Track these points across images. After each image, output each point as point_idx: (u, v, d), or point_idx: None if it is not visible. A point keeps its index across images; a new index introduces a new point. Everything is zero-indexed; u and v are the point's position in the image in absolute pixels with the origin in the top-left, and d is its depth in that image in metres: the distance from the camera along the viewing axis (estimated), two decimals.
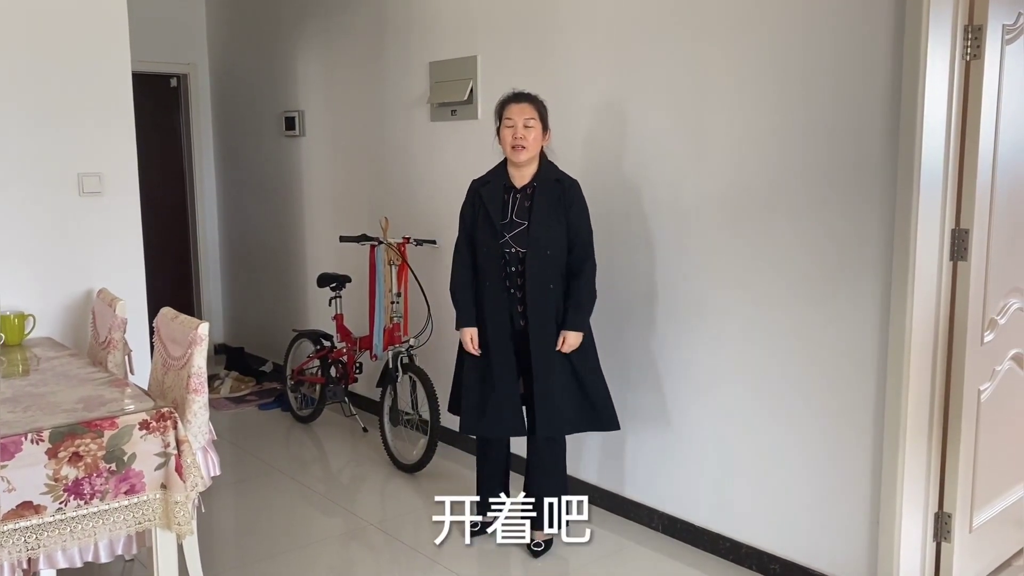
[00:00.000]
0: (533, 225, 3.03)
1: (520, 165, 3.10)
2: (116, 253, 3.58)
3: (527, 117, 3.04)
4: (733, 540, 3.16)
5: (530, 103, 3.08)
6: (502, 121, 3.10)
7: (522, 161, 3.07)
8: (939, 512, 2.83)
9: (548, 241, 3.03)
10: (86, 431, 2.23)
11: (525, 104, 3.07)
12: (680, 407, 3.29)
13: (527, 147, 3.04)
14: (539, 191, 3.08)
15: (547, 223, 3.03)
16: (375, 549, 3.34)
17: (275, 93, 5.62)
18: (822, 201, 2.79)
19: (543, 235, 3.02)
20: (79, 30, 3.42)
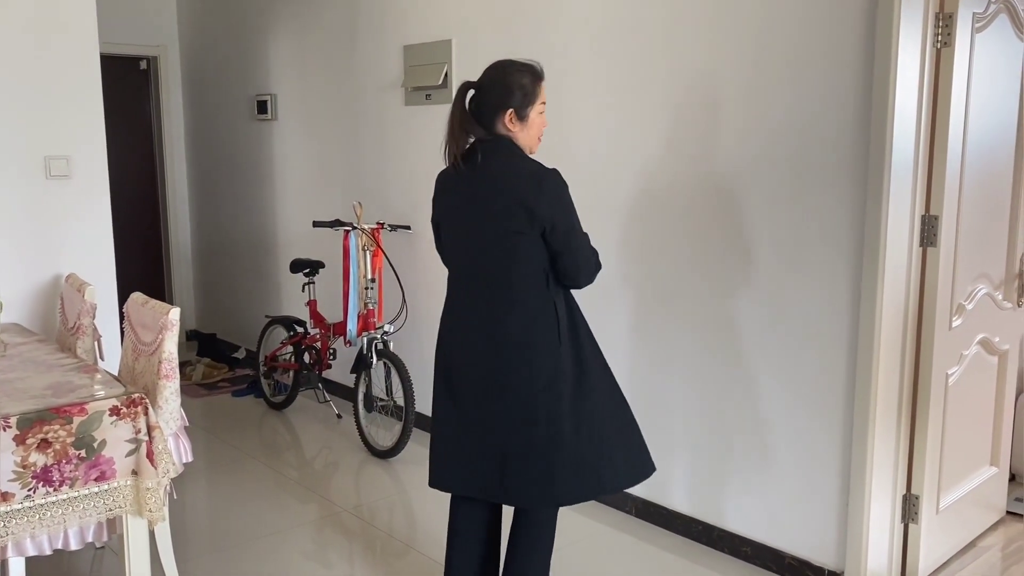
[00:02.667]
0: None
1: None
2: (85, 238, 3.53)
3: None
4: (706, 523, 3.19)
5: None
6: (534, 103, 2.33)
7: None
8: (907, 494, 2.87)
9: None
10: (55, 417, 2.20)
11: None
12: (652, 392, 3.32)
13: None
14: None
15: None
16: (349, 535, 3.34)
17: (247, 76, 5.55)
18: (793, 188, 2.81)
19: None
20: (46, 11, 3.35)
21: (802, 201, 2.80)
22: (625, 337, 3.39)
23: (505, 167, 2.28)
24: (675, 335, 3.22)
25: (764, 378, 2.96)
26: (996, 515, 3.37)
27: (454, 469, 2.39)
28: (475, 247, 2.31)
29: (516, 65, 2.34)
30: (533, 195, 2.23)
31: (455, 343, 2.39)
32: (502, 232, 2.25)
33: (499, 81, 2.31)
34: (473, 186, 2.30)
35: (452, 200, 2.37)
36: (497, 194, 2.26)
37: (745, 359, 3.01)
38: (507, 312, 2.28)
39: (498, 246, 2.27)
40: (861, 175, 2.64)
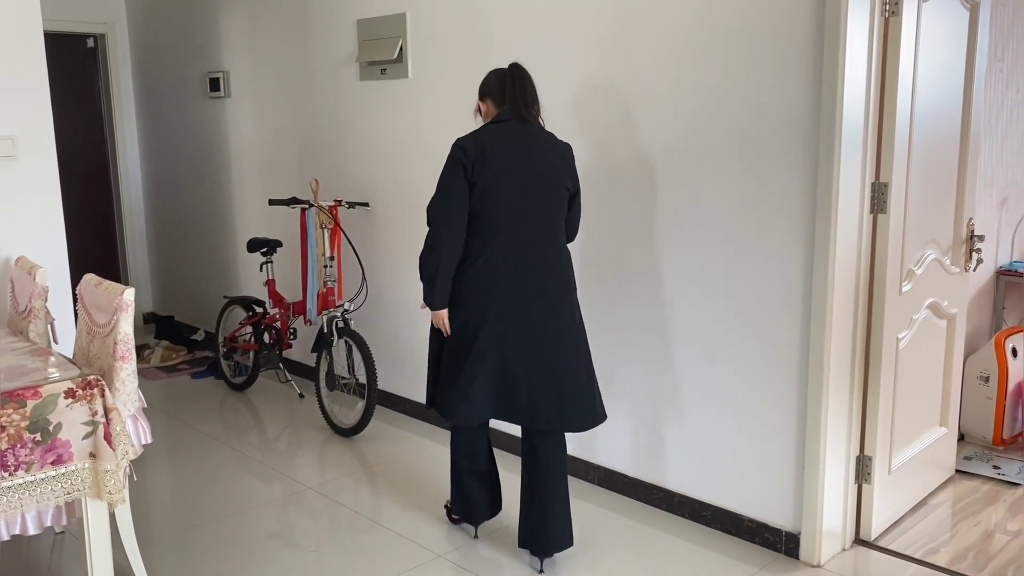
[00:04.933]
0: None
1: None
2: (34, 219, 3.45)
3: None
4: (666, 490, 3.25)
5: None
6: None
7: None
8: (860, 455, 2.95)
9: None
10: (8, 401, 2.16)
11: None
12: (611, 362, 3.35)
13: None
14: None
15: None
16: (314, 512, 3.34)
17: (198, 53, 5.44)
18: (746, 156, 2.84)
19: None
20: None
21: (754, 170, 2.83)
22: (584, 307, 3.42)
23: (550, 138, 2.78)
24: (629, 305, 3.25)
25: (719, 345, 3.01)
26: (946, 474, 3.47)
27: (494, 402, 2.74)
28: (536, 202, 2.70)
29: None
30: (572, 162, 2.80)
31: (506, 287, 2.69)
32: (558, 190, 2.74)
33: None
34: (531, 151, 2.71)
35: (511, 159, 2.68)
36: (552, 160, 2.74)
37: (699, 326, 3.05)
38: (558, 257, 2.77)
39: (553, 202, 2.73)
40: (812, 144, 2.68)
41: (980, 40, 3.16)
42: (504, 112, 2.74)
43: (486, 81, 2.83)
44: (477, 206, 2.67)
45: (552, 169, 2.73)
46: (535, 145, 2.72)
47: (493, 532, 3.13)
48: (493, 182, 2.65)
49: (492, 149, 2.66)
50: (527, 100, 2.73)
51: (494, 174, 2.65)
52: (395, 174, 4.17)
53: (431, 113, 3.92)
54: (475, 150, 2.66)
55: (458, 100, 3.77)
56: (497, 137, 2.69)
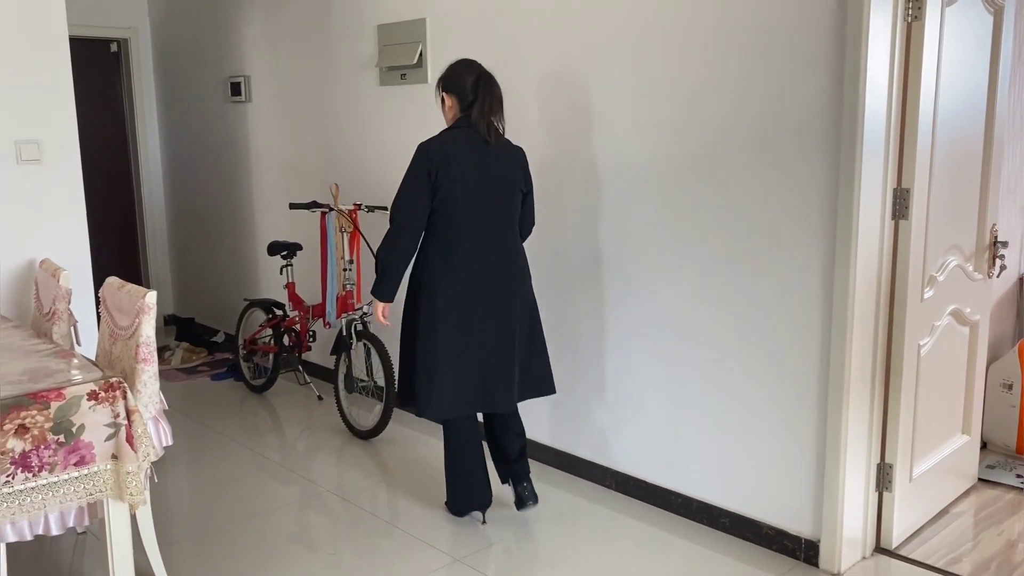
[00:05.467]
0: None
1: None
2: (58, 222, 3.49)
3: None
4: (684, 496, 3.23)
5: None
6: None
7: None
8: (881, 463, 2.93)
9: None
10: (32, 403, 2.19)
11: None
12: (629, 367, 3.34)
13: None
14: None
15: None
16: (333, 515, 3.35)
17: (220, 58, 5.49)
18: (767, 162, 2.83)
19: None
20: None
21: (773, 176, 2.82)
22: (597, 313, 3.42)
23: (506, 144, 3.03)
24: (648, 310, 3.24)
25: (738, 351, 3.00)
26: (968, 482, 3.44)
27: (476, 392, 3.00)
28: (494, 204, 2.96)
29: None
30: (526, 166, 3.07)
31: (473, 281, 2.94)
32: (514, 193, 3.01)
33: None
34: (486, 153, 2.95)
35: (473, 164, 2.92)
36: (508, 165, 3.01)
37: (718, 332, 3.04)
38: (515, 251, 3.04)
39: (509, 204, 3.01)
40: (833, 149, 2.66)
41: (1004, 45, 3.13)
42: (467, 117, 2.96)
43: (453, 76, 2.99)
44: (441, 207, 2.90)
45: (508, 174, 2.99)
46: (493, 151, 2.96)
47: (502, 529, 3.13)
48: (455, 187, 2.88)
49: (454, 156, 2.89)
50: (495, 111, 2.96)
51: (456, 179, 2.88)
52: None
53: None
54: (439, 156, 2.88)
55: None
56: (459, 144, 2.92)
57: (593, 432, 3.54)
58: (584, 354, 3.52)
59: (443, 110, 3.07)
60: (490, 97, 2.94)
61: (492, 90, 2.95)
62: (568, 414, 3.63)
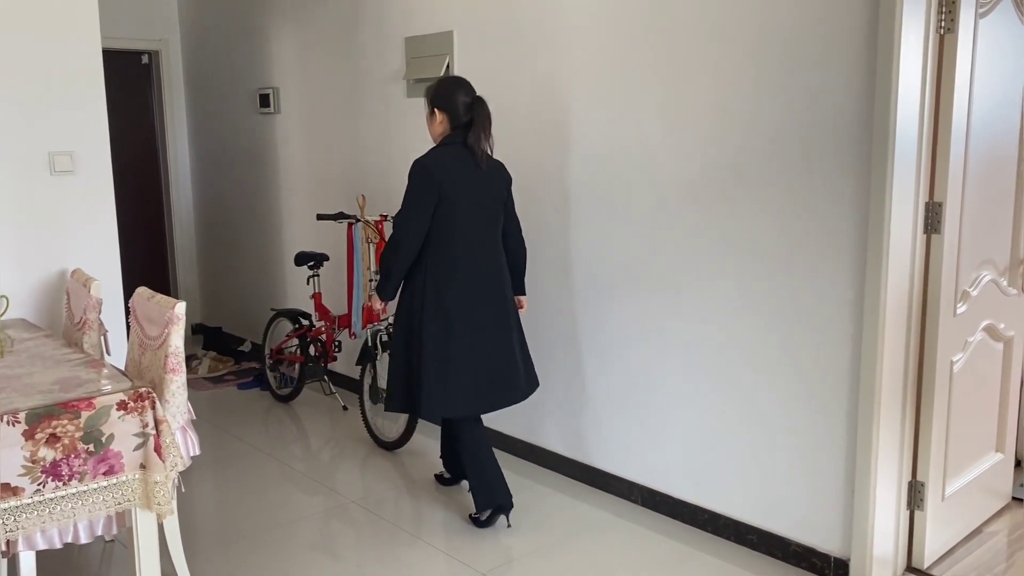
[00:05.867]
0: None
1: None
2: (90, 232, 3.54)
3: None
4: (711, 511, 3.20)
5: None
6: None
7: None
8: (912, 481, 2.88)
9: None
10: (63, 412, 2.21)
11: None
12: (657, 381, 3.32)
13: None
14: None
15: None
16: (356, 526, 3.35)
17: (249, 70, 5.55)
18: (797, 175, 2.81)
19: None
20: (48, 6, 3.35)
21: (805, 189, 2.79)
22: (625, 327, 3.40)
23: (491, 160, 3.20)
24: (676, 324, 3.22)
25: (766, 365, 2.96)
26: (1002, 501, 3.37)
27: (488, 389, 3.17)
28: (485, 217, 3.16)
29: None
30: (508, 179, 3.27)
31: (474, 286, 3.14)
32: (499, 206, 3.22)
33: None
34: (476, 171, 3.13)
35: (470, 182, 3.10)
36: (495, 180, 3.20)
37: (746, 346, 3.01)
38: (500, 261, 3.24)
39: (496, 216, 3.21)
40: (864, 162, 2.64)
41: None
42: (457, 134, 3.13)
43: (448, 95, 3.14)
44: (442, 219, 3.07)
45: (496, 189, 3.20)
46: (482, 167, 3.14)
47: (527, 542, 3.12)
48: (455, 201, 3.06)
49: (454, 172, 3.07)
50: (487, 134, 3.14)
51: (455, 194, 3.06)
52: None
53: None
54: (441, 173, 3.05)
55: (504, 117, 3.79)
56: (455, 161, 3.10)
57: (618, 445, 3.52)
58: (611, 367, 3.50)
59: (430, 123, 3.21)
60: (486, 121, 3.13)
61: (486, 113, 3.14)
62: (593, 426, 3.61)
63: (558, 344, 3.71)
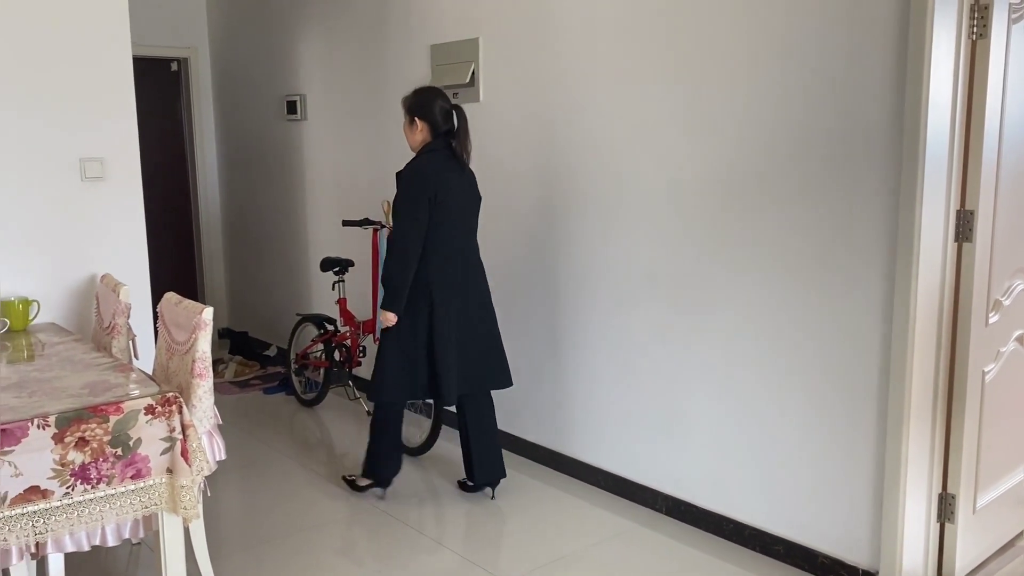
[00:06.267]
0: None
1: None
2: (119, 238, 3.58)
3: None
4: (736, 521, 3.17)
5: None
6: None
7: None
8: (943, 493, 2.83)
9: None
10: (92, 416, 2.23)
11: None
12: (682, 390, 3.30)
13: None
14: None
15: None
16: (380, 531, 3.36)
17: (276, 77, 5.59)
18: (825, 182, 2.78)
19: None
20: (80, 14, 3.40)
21: (833, 197, 2.76)
22: (648, 335, 3.38)
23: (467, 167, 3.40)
24: (701, 332, 3.20)
25: (795, 375, 2.93)
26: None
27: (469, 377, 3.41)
28: (466, 220, 3.39)
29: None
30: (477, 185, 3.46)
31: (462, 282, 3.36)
32: (476, 210, 3.44)
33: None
34: (462, 176, 3.34)
35: (456, 187, 3.29)
36: (473, 182, 3.42)
37: (775, 356, 2.98)
38: (479, 260, 3.46)
39: (475, 219, 3.44)
40: (894, 169, 2.60)
41: None
42: (439, 142, 3.30)
43: (427, 105, 3.30)
44: (436, 222, 3.24)
45: (475, 193, 3.42)
46: (463, 173, 3.35)
47: (551, 551, 3.10)
48: (447, 205, 3.25)
49: (445, 176, 3.25)
50: (466, 136, 3.31)
51: (447, 198, 3.24)
52: None
53: (501, 136, 3.94)
54: (436, 179, 3.22)
55: (528, 123, 3.79)
56: (443, 167, 3.27)
57: (643, 454, 3.50)
58: (635, 377, 3.48)
59: (409, 132, 3.37)
60: (467, 128, 3.32)
61: (466, 122, 3.33)
62: (617, 435, 3.59)
63: (580, 353, 3.70)
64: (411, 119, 3.33)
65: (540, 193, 3.79)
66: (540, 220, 3.81)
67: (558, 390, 3.84)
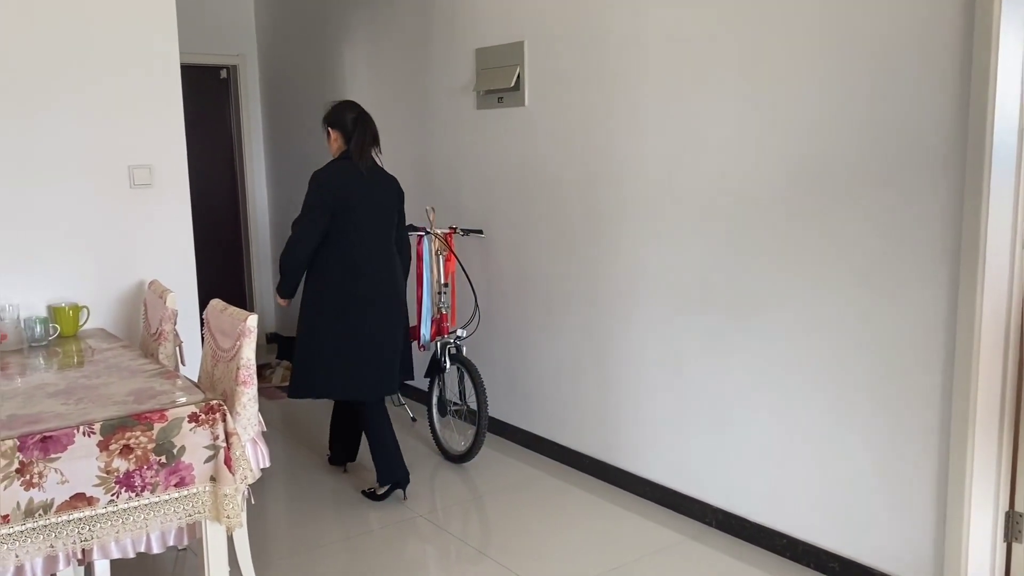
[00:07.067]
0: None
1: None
2: (167, 244, 3.61)
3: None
4: (790, 537, 3.06)
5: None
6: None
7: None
8: (1010, 511, 2.70)
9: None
10: (136, 424, 2.24)
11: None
12: (734, 398, 3.21)
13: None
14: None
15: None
16: (424, 541, 3.32)
17: (323, 83, 5.62)
18: (886, 183, 2.67)
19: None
20: (128, 23, 3.43)
21: (894, 200, 2.66)
22: (700, 343, 3.29)
23: (382, 171, 3.62)
24: (755, 340, 3.10)
25: (855, 386, 2.83)
26: None
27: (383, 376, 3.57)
28: (375, 221, 3.55)
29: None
30: (400, 191, 3.67)
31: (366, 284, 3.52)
32: (391, 213, 3.62)
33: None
34: (373, 180, 3.55)
35: (362, 190, 3.50)
36: (384, 189, 3.59)
37: (833, 365, 2.88)
38: (393, 261, 3.63)
39: (386, 222, 3.60)
40: (959, 170, 2.49)
41: None
42: (350, 149, 3.54)
43: (336, 114, 3.59)
44: (337, 225, 3.46)
45: (385, 196, 3.57)
46: (372, 177, 3.54)
47: (595, 565, 3.03)
48: (351, 207, 3.46)
49: (345, 182, 3.46)
50: (373, 143, 3.57)
51: (350, 200, 3.45)
52: (509, 202, 4.16)
53: (546, 141, 3.89)
54: (333, 183, 3.47)
55: (574, 128, 3.73)
56: (347, 172, 3.50)
57: (693, 465, 3.41)
58: (684, 382, 3.40)
59: (329, 143, 3.63)
60: (367, 133, 3.54)
61: (368, 127, 3.55)
62: (667, 446, 3.51)
63: (627, 360, 3.62)
64: (325, 129, 3.63)
65: (586, 199, 3.73)
66: (586, 226, 3.74)
67: (604, 398, 3.78)
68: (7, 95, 3.23)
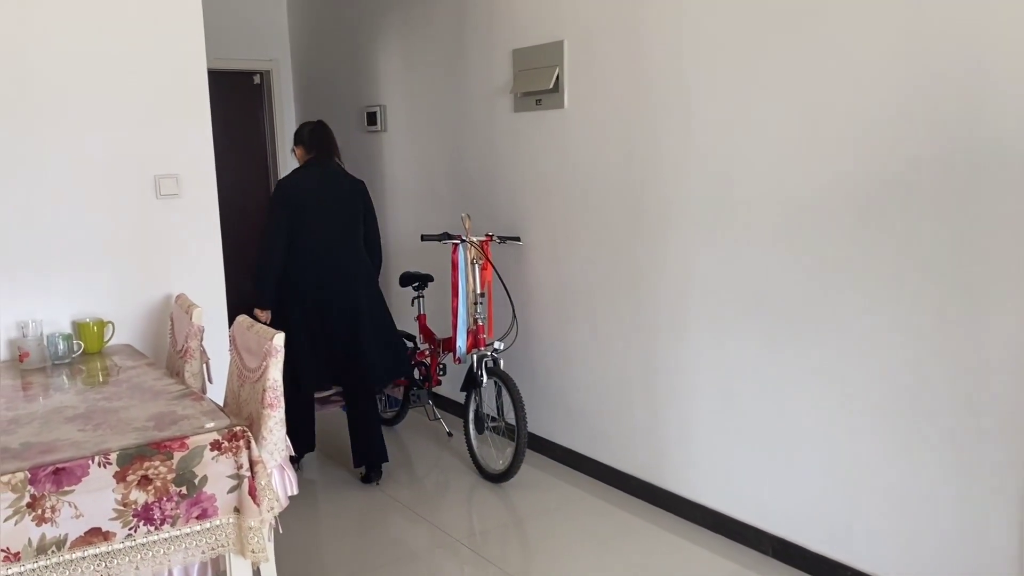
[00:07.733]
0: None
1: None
2: (194, 257, 3.49)
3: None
4: (854, 570, 2.84)
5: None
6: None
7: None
8: None
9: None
10: (155, 453, 2.10)
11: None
12: (792, 419, 2.99)
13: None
14: None
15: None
16: (460, 567, 3.16)
17: (356, 88, 5.50)
18: (968, 189, 2.45)
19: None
20: (154, 31, 3.32)
21: (978, 204, 2.43)
22: (755, 359, 3.08)
23: (344, 175, 3.93)
24: (816, 357, 2.89)
25: (928, 405, 2.60)
26: None
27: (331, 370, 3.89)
28: (338, 221, 3.83)
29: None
30: (365, 192, 3.98)
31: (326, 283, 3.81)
32: (354, 213, 3.90)
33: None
34: (334, 186, 3.85)
35: (318, 192, 3.80)
36: (346, 191, 3.88)
37: (904, 383, 2.66)
38: (358, 259, 3.90)
39: (350, 222, 3.88)
40: None
41: None
42: (312, 158, 3.89)
43: (299, 132, 3.96)
44: (300, 228, 3.75)
45: (347, 197, 3.86)
46: (333, 181, 3.85)
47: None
48: (307, 211, 3.75)
49: (305, 187, 3.78)
50: (330, 151, 3.91)
51: (308, 205, 3.75)
52: (548, 208, 3.98)
53: (586, 144, 3.71)
54: (293, 190, 3.76)
55: (617, 130, 3.54)
56: (307, 178, 3.82)
57: (747, 490, 3.20)
58: (744, 403, 3.19)
59: (296, 159, 3.99)
60: (325, 142, 3.90)
61: (327, 138, 3.91)
62: (718, 468, 3.30)
63: (675, 376, 3.42)
64: (292, 148, 4.03)
65: (630, 206, 3.54)
66: (630, 234, 3.55)
67: (651, 415, 3.58)
68: (29, 104, 3.13)
